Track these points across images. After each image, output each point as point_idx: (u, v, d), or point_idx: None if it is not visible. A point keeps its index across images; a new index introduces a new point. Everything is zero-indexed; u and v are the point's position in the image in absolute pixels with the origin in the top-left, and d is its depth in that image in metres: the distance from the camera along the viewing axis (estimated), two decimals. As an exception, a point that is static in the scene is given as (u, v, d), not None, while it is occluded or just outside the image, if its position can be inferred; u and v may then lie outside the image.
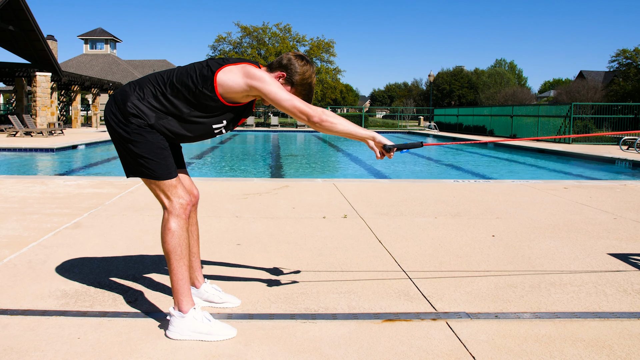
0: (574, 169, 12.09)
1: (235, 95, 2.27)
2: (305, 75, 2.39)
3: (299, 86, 2.39)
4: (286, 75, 2.37)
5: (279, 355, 2.13)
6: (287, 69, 2.38)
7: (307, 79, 2.40)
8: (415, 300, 2.76)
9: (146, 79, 2.33)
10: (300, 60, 2.39)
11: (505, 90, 43.78)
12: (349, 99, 57.54)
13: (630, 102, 24.71)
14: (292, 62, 2.38)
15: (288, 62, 2.38)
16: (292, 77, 2.37)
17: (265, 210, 5.14)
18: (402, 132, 31.36)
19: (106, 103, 2.38)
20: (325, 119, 2.27)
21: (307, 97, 2.42)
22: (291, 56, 2.40)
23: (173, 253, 2.29)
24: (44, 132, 19.28)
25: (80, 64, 47.41)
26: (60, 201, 5.47)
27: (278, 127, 33.58)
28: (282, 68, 2.38)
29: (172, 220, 2.30)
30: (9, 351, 2.12)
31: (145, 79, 2.33)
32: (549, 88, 70.08)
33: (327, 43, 43.13)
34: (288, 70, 2.37)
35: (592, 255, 3.64)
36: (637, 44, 61.38)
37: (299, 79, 2.38)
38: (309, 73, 2.40)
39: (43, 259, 3.39)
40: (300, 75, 2.38)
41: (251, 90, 2.25)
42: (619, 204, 5.71)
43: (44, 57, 22.52)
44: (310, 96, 2.44)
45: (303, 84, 2.39)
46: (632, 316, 2.57)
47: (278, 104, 2.25)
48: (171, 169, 2.32)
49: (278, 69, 2.39)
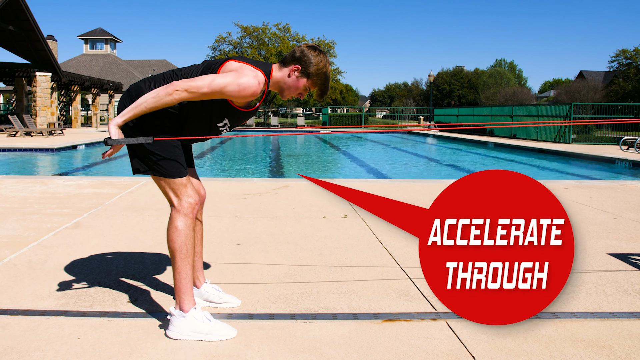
0: (573, 169, 12.09)
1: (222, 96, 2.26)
2: (320, 65, 2.36)
3: (315, 76, 2.36)
4: (301, 68, 2.34)
5: (279, 355, 2.13)
6: (301, 62, 2.35)
7: (322, 68, 2.37)
8: (415, 300, 2.76)
9: (161, 75, 2.34)
10: (313, 51, 2.36)
11: (505, 90, 43.76)
12: (349, 99, 57.54)
13: (630, 102, 24.69)
14: (306, 54, 2.35)
15: (301, 55, 2.35)
16: (307, 68, 2.34)
17: (265, 210, 5.14)
18: (402, 132, 31.36)
19: (120, 98, 2.38)
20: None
21: (324, 86, 2.40)
22: (304, 48, 2.37)
23: (178, 252, 2.29)
24: (44, 132, 19.29)
25: (80, 64, 47.41)
26: (60, 201, 5.48)
27: (278, 127, 33.59)
28: (296, 61, 2.35)
29: (179, 219, 2.30)
30: (9, 351, 2.12)
31: (160, 76, 2.34)
32: (549, 88, 70.08)
33: (327, 44, 43.16)
34: (302, 63, 2.34)
35: (592, 255, 3.64)
36: (637, 44, 61.42)
37: (314, 70, 2.35)
38: (323, 62, 2.37)
39: (43, 259, 3.39)
40: (316, 66, 2.35)
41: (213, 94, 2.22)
42: (619, 204, 5.71)
43: (44, 57, 22.53)
44: (327, 85, 2.42)
45: (319, 74, 2.37)
46: (632, 316, 2.57)
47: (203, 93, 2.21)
48: (182, 168, 2.33)
49: (292, 62, 2.36)
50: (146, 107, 2.16)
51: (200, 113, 2.31)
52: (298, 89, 2.37)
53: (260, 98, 2.42)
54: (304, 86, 2.37)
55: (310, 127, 34.88)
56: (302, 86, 2.36)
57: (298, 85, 2.36)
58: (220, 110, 2.32)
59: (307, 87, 2.38)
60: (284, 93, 2.40)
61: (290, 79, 2.35)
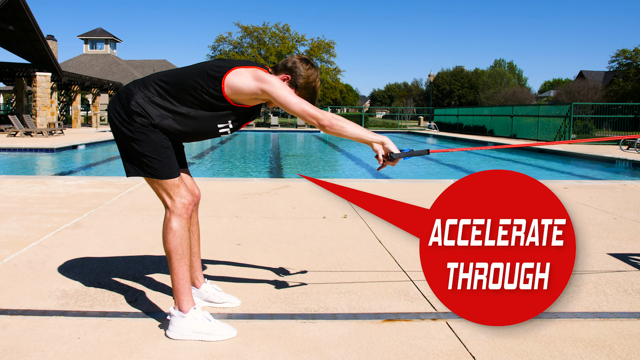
0: (573, 169, 12.09)
1: (242, 97, 2.28)
2: (309, 79, 2.40)
3: (302, 89, 2.40)
4: (290, 78, 2.39)
5: (279, 355, 2.13)
6: (291, 72, 2.39)
7: (312, 82, 2.41)
8: (415, 300, 2.76)
9: (151, 77, 2.33)
10: (305, 64, 2.41)
11: (505, 90, 43.79)
12: (349, 99, 57.53)
13: (630, 102, 24.70)
14: (297, 66, 2.39)
15: (293, 66, 2.40)
16: (296, 80, 2.39)
17: (265, 210, 5.14)
18: (402, 132, 31.36)
19: (110, 101, 2.38)
20: (336, 123, 2.28)
21: (311, 100, 2.43)
22: (296, 60, 2.41)
23: (174, 252, 2.29)
24: (44, 132, 19.28)
25: (80, 64, 47.40)
26: (60, 201, 5.47)
27: (278, 127, 33.58)
28: (286, 71, 2.40)
29: (174, 220, 2.30)
30: (9, 351, 2.12)
31: (150, 77, 2.34)
32: (549, 88, 70.06)
33: (327, 43, 43.14)
34: (293, 74, 2.39)
35: (592, 255, 3.63)
36: (637, 44, 61.42)
37: (303, 82, 2.39)
38: (313, 77, 2.41)
39: (43, 259, 3.38)
40: (305, 79, 2.39)
41: (262, 94, 2.26)
42: (619, 204, 5.71)
43: (44, 57, 22.52)
44: (314, 99, 2.45)
45: (307, 87, 2.41)
46: (632, 316, 2.57)
47: (287, 107, 2.26)
48: (174, 168, 2.33)
49: (283, 71, 2.41)
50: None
51: (208, 117, 2.32)
52: None
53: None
54: None
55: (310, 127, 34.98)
56: None
57: None
58: (227, 113, 2.33)
59: None
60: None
61: None
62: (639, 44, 60.95)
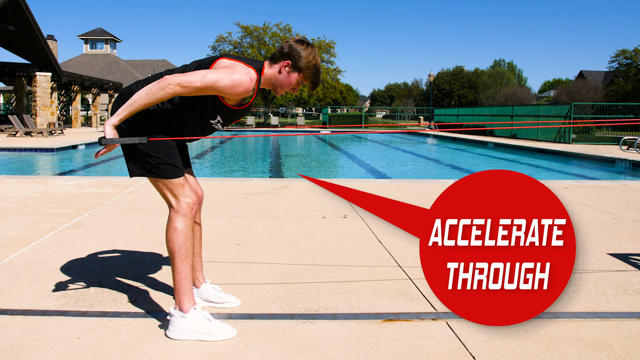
0: (574, 169, 12.09)
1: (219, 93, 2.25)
2: (309, 58, 2.35)
3: (306, 70, 2.35)
4: (291, 63, 2.33)
5: (279, 355, 2.13)
6: (290, 57, 2.33)
7: (312, 60, 2.36)
8: (415, 300, 2.76)
9: (153, 78, 2.33)
10: (301, 45, 2.35)
11: (505, 90, 43.77)
12: (349, 99, 57.55)
13: (630, 102, 24.70)
14: (294, 49, 2.33)
15: (290, 50, 2.33)
16: (297, 63, 2.33)
17: (265, 210, 5.14)
18: (402, 132, 31.35)
19: (113, 102, 2.38)
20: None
21: (316, 78, 2.39)
22: (292, 43, 2.35)
23: (178, 252, 2.29)
24: (44, 132, 19.28)
25: (80, 64, 47.39)
26: (60, 201, 5.47)
27: (278, 127, 33.58)
28: (285, 57, 2.34)
29: (178, 220, 2.30)
30: (9, 351, 2.12)
31: (152, 78, 2.34)
32: (549, 88, 70.08)
33: (327, 44, 43.18)
34: (292, 58, 2.33)
35: (592, 255, 3.63)
36: (637, 44, 61.39)
37: (304, 64, 2.34)
38: (312, 55, 2.36)
39: (43, 259, 3.38)
40: (305, 59, 2.34)
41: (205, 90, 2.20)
42: (619, 204, 5.71)
43: (44, 57, 22.52)
44: (318, 77, 2.41)
45: (309, 66, 2.35)
46: (632, 316, 2.57)
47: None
48: (179, 168, 2.33)
49: (282, 58, 2.34)
50: (140, 104, 2.13)
51: (193, 111, 2.31)
52: (291, 84, 2.37)
53: (252, 95, 2.41)
54: (296, 81, 2.36)
55: (310, 127, 34.86)
56: (294, 81, 2.36)
57: (290, 80, 2.35)
58: (213, 107, 2.31)
59: (300, 82, 2.38)
60: (277, 90, 2.40)
61: (282, 75, 2.34)
62: (639, 44, 60.95)
